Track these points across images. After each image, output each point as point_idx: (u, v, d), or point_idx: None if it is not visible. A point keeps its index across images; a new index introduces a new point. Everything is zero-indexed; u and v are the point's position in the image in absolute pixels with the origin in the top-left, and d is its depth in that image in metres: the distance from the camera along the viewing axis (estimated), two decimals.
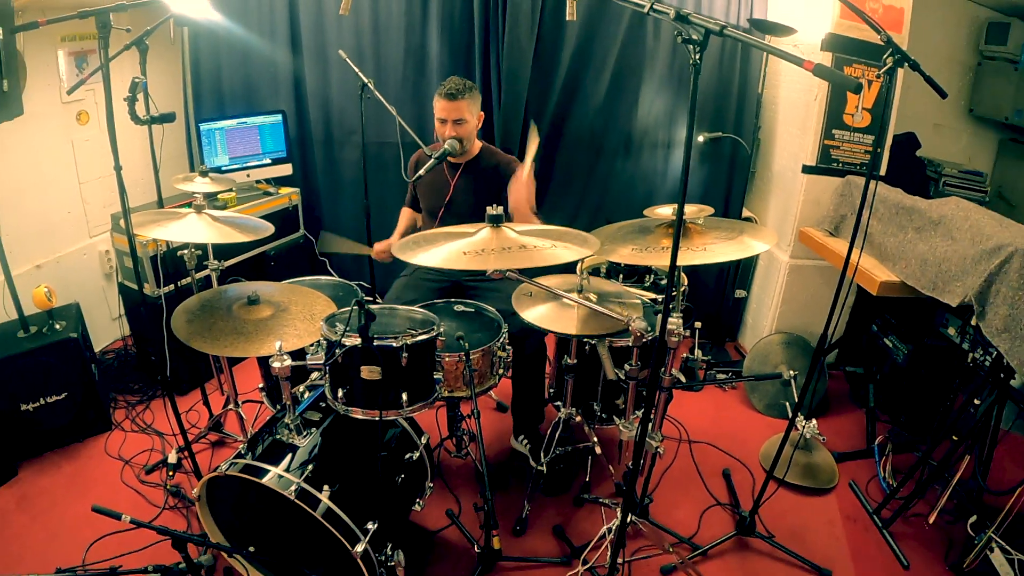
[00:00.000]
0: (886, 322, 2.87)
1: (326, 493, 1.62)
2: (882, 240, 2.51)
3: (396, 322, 1.82)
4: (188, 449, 2.13)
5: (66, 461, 2.47)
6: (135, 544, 2.01)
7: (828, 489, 2.46)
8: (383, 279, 3.09)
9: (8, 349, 2.33)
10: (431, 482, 2.05)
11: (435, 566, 2.06)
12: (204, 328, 1.84)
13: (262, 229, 2.15)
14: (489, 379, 2.05)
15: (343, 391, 1.72)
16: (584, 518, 2.29)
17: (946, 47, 3.36)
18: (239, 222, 2.15)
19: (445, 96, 2.31)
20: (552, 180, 3.49)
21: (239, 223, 2.13)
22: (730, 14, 3.14)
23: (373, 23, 3.24)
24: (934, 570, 2.10)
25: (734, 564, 2.12)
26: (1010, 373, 1.97)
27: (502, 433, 2.69)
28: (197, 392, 2.67)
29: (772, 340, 3.07)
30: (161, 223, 2.01)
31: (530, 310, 1.98)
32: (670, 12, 1.21)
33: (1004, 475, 2.44)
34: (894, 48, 1.50)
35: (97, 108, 3.04)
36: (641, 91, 3.29)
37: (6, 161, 2.62)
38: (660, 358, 1.63)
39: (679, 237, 1.39)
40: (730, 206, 3.44)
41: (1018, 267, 1.89)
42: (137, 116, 1.80)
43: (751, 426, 2.87)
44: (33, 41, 2.61)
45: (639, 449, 1.64)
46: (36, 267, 2.82)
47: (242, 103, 3.44)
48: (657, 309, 2.30)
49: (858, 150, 2.88)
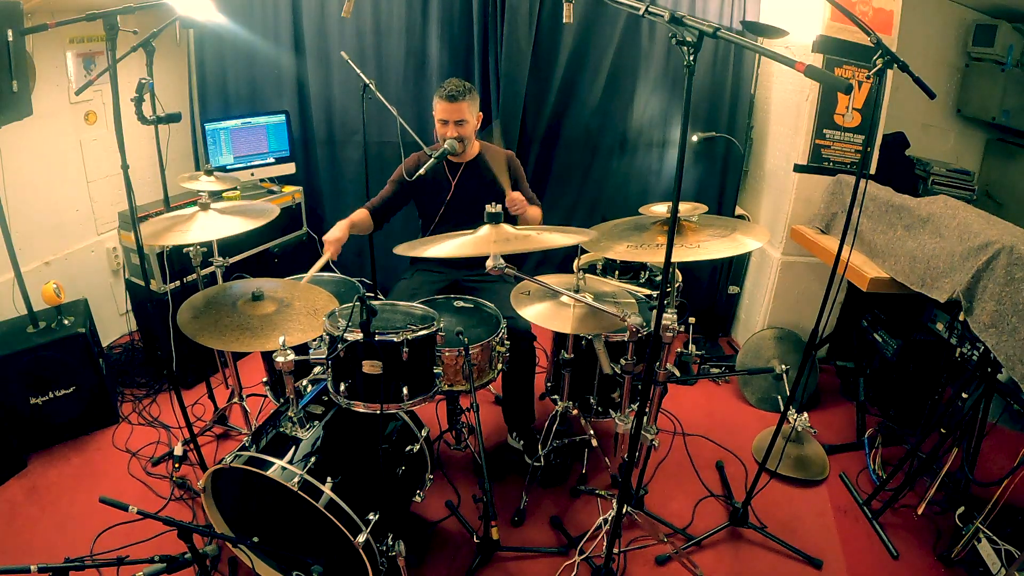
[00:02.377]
0: (876, 317, 2.90)
1: (328, 485, 1.64)
2: (872, 237, 2.54)
3: (397, 318, 1.84)
4: (194, 442, 2.17)
5: (74, 453, 2.50)
6: (142, 535, 2.03)
7: (819, 481, 2.50)
8: (385, 276, 3.13)
9: (18, 344, 2.36)
10: (431, 474, 2.08)
11: (435, 556, 2.09)
12: (210, 323, 1.85)
13: (268, 212, 2.16)
14: (488, 373, 2.08)
15: (345, 385, 1.74)
16: (580, 509, 2.32)
17: (935, 49, 3.40)
18: (244, 209, 2.17)
19: (446, 98, 2.33)
20: (549, 179, 3.53)
21: (244, 210, 2.16)
22: (723, 16, 3.16)
23: (374, 25, 3.28)
24: (923, 560, 2.13)
25: (727, 554, 2.15)
26: (997, 368, 1.99)
27: (501, 426, 2.71)
28: (203, 386, 2.69)
29: (764, 335, 3.10)
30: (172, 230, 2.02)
31: (527, 308, 2.00)
32: (665, 14, 1.23)
33: (991, 467, 2.47)
34: (884, 50, 1.52)
35: (105, 108, 3.07)
36: (636, 92, 3.32)
37: (16, 160, 2.64)
38: (655, 353, 1.66)
39: (673, 234, 1.41)
40: (723, 204, 3.48)
41: (1005, 264, 1.91)
42: (144, 116, 1.82)
43: (744, 419, 2.91)
44: (42, 43, 2.65)
45: (634, 442, 1.67)
46: (45, 264, 2.85)
47: (246, 103, 3.47)
48: (652, 305, 2.32)
49: (848, 149, 2.91)
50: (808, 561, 2.12)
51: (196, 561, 1.47)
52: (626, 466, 1.68)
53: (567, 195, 3.55)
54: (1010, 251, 1.91)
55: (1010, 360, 1.87)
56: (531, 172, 3.48)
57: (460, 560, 2.07)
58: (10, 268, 2.42)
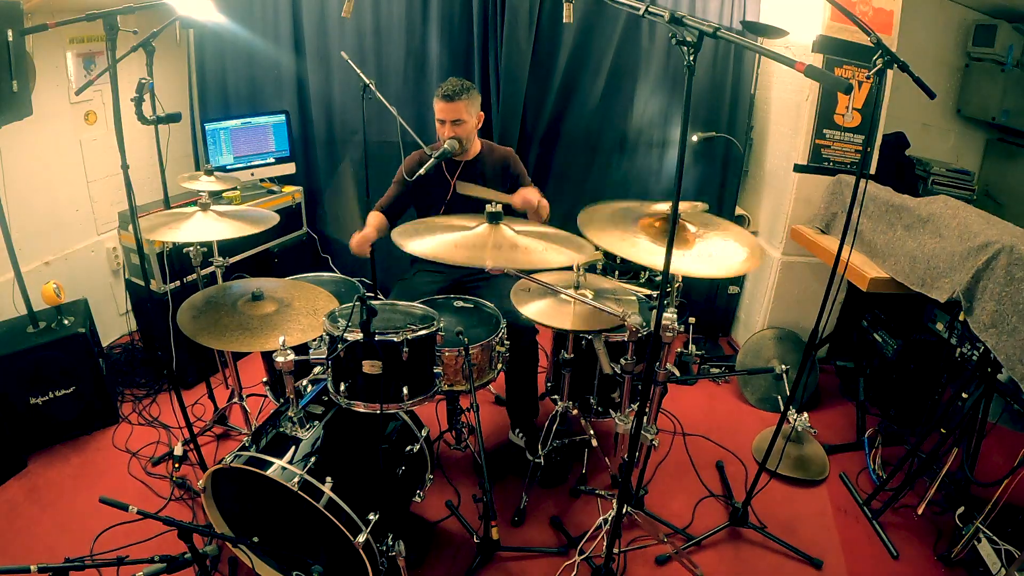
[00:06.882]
0: (876, 317, 2.91)
1: (328, 484, 1.64)
2: (872, 237, 2.54)
3: (397, 317, 1.84)
4: (194, 442, 2.17)
5: (74, 453, 2.50)
6: (142, 535, 2.03)
7: (819, 481, 2.50)
8: (385, 276, 3.13)
9: (18, 344, 2.36)
10: (431, 474, 2.08)
11: (435, 556, 2.09)
12: (210, 323, 1.85)
13: (267, 219, 2.17)
14: (488, 373, 2.08)
15: (345, 385, 1.74)
16: (580, 509, 2.32)
17: (935, 49, 3.40)
18: (244, 214, 2.17)
19: (443, 98, 2.33)
20: (549, 179, 3.53)
21: (244, 215, 2.16)
22: (723, 16, 3.17)
23: (375, 25, 3.28)
24: (923, 560, 2.13)
25: (727, 554, 2.16)
26: (997, 367, 1.99)
27: (500, 426, 2.72)
28: (202, 386, 2.69)
29: (764, 335, 3.10)
30: (170, 226, 2.03)
31: (527, 306, 2.01)
32: (665, 14, 1.23)
33: (991, 467, 2.47)
34: (884, 50, 1.52)
35: (105, 108, 3.06)
36: (636, 91, 3.33)
37: (16, 160, 2.64)
38: (655, 353, 1.66)
39: (673, 236, 1.40)
40: (723, 204, 3.48)
41: (1005, 264, 1.91)
42: (144, 116, 1.81)
43: (744, 419, 2.91)
44: (42, 43, 2.65)
45: (634, 442, 1.67)
46: (45, 264, 2.85)
47: (246, 103, 3.47)
48: (652, 305, 2.32)
49: (848, 149, 2.91)
50: (808, 561, 2.12)
51: (196, 561, 1.46)
52: (626, 466, 1.68)
53: (567, 195, 3.54)
54: (1010, 251, 1.91)
55: (1010, 360, 1.87)
56: (531, 172, 3.46)
57: (460, 560, 2.07)
58: (10, 268, 2.41)
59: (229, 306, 1.94)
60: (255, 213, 2.21)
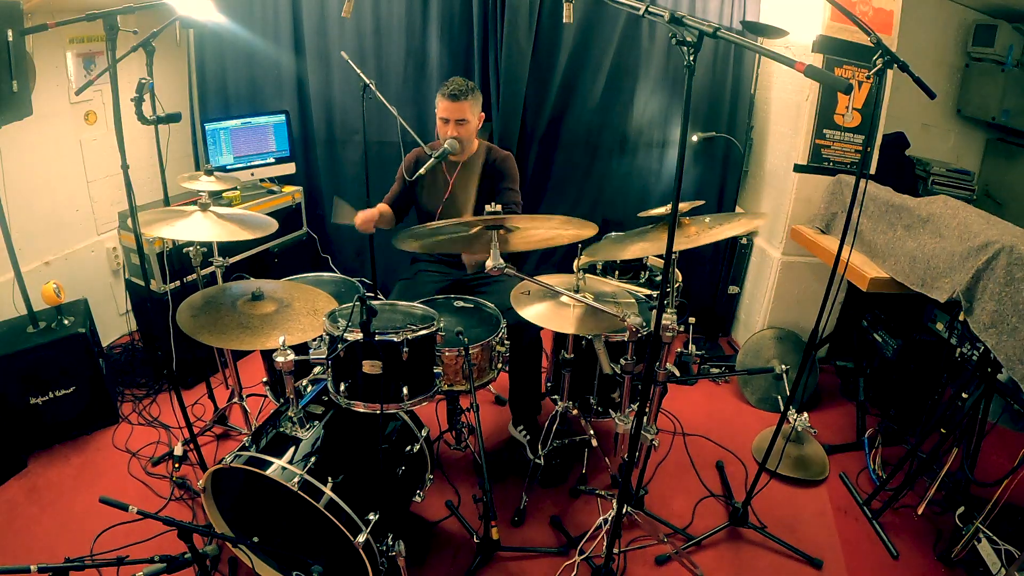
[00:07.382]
0: (876, 317, 2.91)
1: (329, 484, 1.64)
2: (872, 237, 2.54)
3: (397, 317, 1.85)
4: (194, 441, 2.17)
5: (74, 453, 2.50)
6: (142, 535, 2.03)
7: (819, 481, 2.50)
8: (385, 276, 3.13)
9: (18, 344, 2.36)
10: (431, 474, 2.08)
11: (435, 556, 2.09)
12: (209, 322, 1.85)
13: (266, 225, 2.17)
14: (488, 373, 2.08)
15: (345, 385, 1.74)
16: (580, 509, 2.32)
17: (935, 49, 3.40)
18: (243, 219, 2.16)
19: (448, 97, 2.33)
20: (549, 179, 3.53)
21: (243, 220, 2.15)
22: (723, 16, 3.17)
23: (374, 25, 3.28)
24: (923, 560, 2.13)
25: (727, 554, 2.16)
26: (997, 367, 1.99)
27: (500, 426, 2.72)
28: (202, 386, 2.69)
29: (764, 335, 3.10)
30: (168, 222, 2.03)
31: (527, 308, 2.00)
32: (665, 14, 1.23)
33: (991, 467, 2.47)
34: (884, 50, 1.52)
35: (105, 108, 3.07)
36: (636, 91, 3.33)
37: (16, 160, 2.64)
38: (655, 353, 1.66)
39: (673, 235, 1.41)
40: (723, 204, 3.48)
41: (1005, 264, 1.91)
42: (144, 116, 1.81)
43: (744, 419, 2.91)
44: (42, 43, 2.65)
45: (634, 442, 1.67)
46: (45, 264, 2.85)
47: (246, 103, 3.47)
48: (652, 305, 2.33)
49: (848, 149, 2.91)
50: (808, 561, 2.12)
51: (196, 561, 1.46)
52: (626, 466, 1.69)
53: (567, 195, 3.55)
54: (1010, 251, 1.91)
55: (1010, 360, 1.87)
56: (531, 172, 3.49)
57: (460, 560, 2.07)
58: (10, 268, 2.41)
59: (229, 306, 1.94)
60: (253, 218, 2.21)
